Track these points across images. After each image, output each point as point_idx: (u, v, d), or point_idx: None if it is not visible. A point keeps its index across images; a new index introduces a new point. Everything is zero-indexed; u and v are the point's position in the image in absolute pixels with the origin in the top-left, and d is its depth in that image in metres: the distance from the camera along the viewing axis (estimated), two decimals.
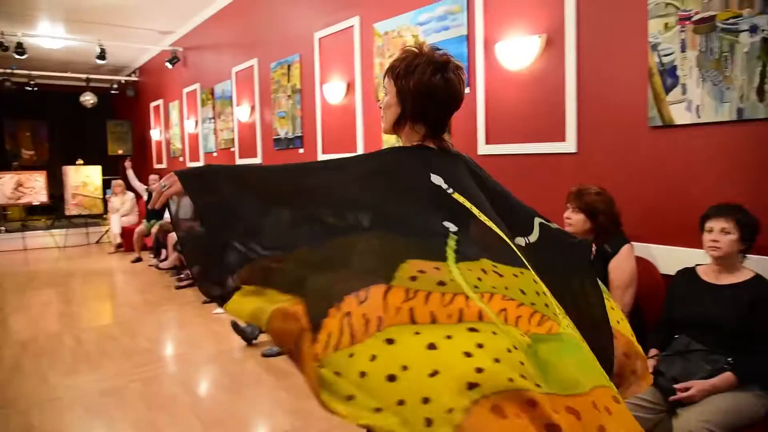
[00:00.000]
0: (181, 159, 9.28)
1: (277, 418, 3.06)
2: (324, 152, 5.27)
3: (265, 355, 3.97)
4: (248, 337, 4.18)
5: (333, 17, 5.01)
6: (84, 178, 10.44)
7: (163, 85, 9.98)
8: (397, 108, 1.51)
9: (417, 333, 1.11)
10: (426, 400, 1.00)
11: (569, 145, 3.07)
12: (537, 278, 1.33)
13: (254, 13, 6.50)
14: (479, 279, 1.22)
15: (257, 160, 6.56)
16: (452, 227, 1.33)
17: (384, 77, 1.56)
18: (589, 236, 2.64)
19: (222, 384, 3.56)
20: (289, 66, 5.74)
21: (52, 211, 10.96)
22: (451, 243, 1.29)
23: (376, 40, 4.45)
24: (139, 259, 8.11)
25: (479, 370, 1.03)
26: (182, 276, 6.39)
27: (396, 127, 1.55)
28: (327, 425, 2.92)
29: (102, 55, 8.69)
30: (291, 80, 5.72)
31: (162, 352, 4.27)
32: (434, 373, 1.03)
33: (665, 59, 2.57)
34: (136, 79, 11.50)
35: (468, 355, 1.06)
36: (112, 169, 11.56)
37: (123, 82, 11.42)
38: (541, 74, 3.22)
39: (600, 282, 1.66)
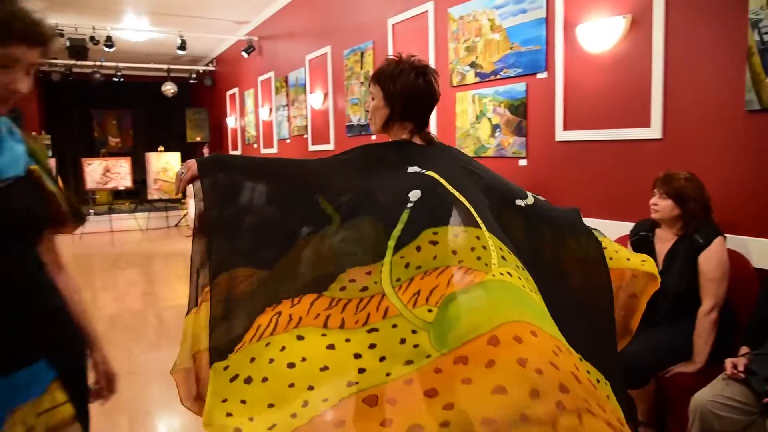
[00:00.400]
0: (255, 146, 9.53)
1: None
2: None
3: None
4: None
5: (407, 3, 4.97)
6: (164, 164, 10.92)
7: (239, 74, 10.26)
8: (385, 110, 1.69)
9: (324, 335, 1.35)
10: (311, 387, 1.25)
11: (654, 130, 2.92)
12: (483, 234, 1.45)
13: (328, 1, 6.55)
14: (406, 266, 1.40)
15: (330, 147, 6.64)
16: (414, 197, 1.49)
17: (369, 84, 1.75)
18: (678, 224, 2.51)
19: None
20: (362, 53, 5.76)
21: (136, 195, 11.55)
22: (397, 229, 1.45)
23: (450, 25, 4.38)
24: None
25: (361, 370, 1.27)
26: None
27: (385, 127, 1.73)
28: None
29: (182, 46, 9.02)
30: (364, 67, 5.74)
31: None
32: (325, 368, 1.28)
33: (767, 37, 2.39)
34: (213, 68, 11.89)
35: (357, 356, 1.30)
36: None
37: (201, 71, 11.84)
38: (625, 56, 3.07)
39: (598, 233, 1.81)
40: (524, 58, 3.71)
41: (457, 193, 1.52)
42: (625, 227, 2.85)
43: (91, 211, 10.37)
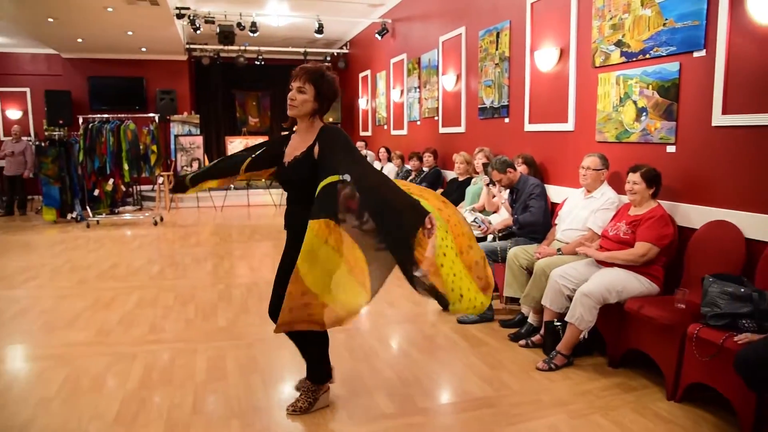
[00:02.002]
0: (385, 127, 9.67)
1: (470, 383, 3.06)
2: (531, 122, 5.09)
3: (460, 322, 4.01)
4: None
5: None
6: None
7: (371, 56, 10.43)
8: (314, 104, 2.42)
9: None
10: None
11: None
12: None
13: None
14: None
15: (460, 129, 6.57)
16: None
17: (300, 79, 2.39)
18: None
19: (417, 344, 3.67)
20: (497, 33, 5.61)
21: None
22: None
23: (595, 2, 4.12)
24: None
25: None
26: None
27: (310, 116, 2.44)
28: (519, 399, 2.86)
29: (320, 30, 9.33)
30: (500, 48, 5.58)
31: None
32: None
33: None
34: (346, 51, 12.19)
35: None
36: None
37: (335, 54, 12.19)
38: None
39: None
40: (679, 35, 3.41)
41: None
42: None
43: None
